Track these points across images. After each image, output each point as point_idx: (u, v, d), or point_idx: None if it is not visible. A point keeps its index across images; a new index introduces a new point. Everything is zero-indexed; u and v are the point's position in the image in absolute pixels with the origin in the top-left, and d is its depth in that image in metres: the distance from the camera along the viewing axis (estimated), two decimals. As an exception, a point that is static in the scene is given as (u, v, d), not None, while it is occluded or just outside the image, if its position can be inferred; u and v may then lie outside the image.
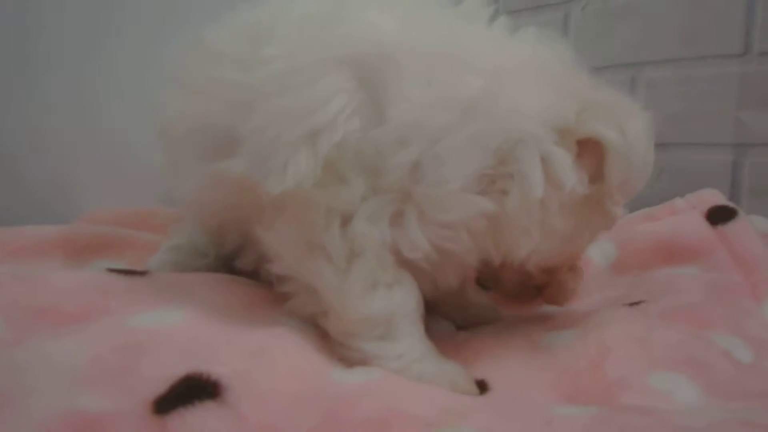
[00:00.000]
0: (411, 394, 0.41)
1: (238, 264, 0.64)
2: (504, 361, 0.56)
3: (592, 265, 0.81)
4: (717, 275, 0.71)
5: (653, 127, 0.69)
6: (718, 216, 0.79)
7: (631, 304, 0.67)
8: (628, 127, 0.53)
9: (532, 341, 0.60)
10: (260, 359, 0.42)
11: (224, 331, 0.45)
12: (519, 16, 1.20)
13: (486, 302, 0.73)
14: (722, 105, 0.93)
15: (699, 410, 0.47)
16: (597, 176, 0.54)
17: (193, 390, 0.36)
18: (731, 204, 0.81)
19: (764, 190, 0.89)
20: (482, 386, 0.51)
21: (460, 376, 0.51)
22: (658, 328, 0.62)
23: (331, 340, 0.51)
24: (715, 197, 0.83)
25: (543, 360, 0.56)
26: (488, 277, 0.76)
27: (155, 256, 0.70)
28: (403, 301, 0.51)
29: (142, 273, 0.57)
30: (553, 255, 0.58)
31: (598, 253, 0.83)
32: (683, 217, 0.82)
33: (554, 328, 0.62)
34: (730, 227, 0.76)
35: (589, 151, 0.53)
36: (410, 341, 0.51)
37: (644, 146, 0.54)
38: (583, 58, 1.05)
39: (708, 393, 0.50)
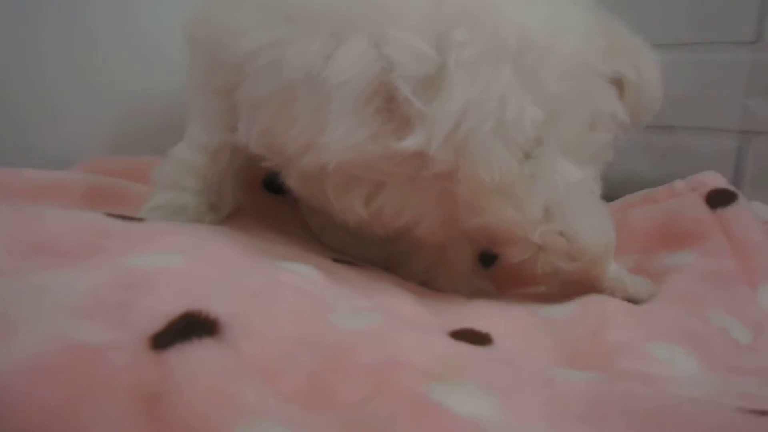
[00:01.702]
0: (411, 344, 0.40)
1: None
2: (505, 322, 0.55)
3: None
4: (712, 261, 0.70)
5: (660, 110, 0.75)
6: (718, 199, 0.76)
7: None
8: (642, 66, 0.66)
9: (531, 311, 0.59)
10: (260, 301, 0.41)
11: (223, 273, 0.44)
12: None
13: (484, 283, 0.75)
14: (730, 91, 0.92)
15: (697, 380, 0.46)
16: None
17: (192, 327, 0.35)
18: (732, 187, 0.79)
19: (767, 177, 0.88)
20: (486, 339, 0.50)
21: None
22: (654, 306, 0.62)
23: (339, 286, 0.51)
24: (716, 180, 0.80)
25: (542, 326, 0.55)
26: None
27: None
28: None
29: (139, 220, 0.56)
30: None
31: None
32: (682, 200, 0.80)
33: (552, 302, 0.62)
34: (730, 211, 0.74)
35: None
36: None
37: (656, 87, 0.68)
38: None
39: (706, 366, 0.49)
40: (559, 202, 0.57)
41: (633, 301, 0.64)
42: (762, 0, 0.89)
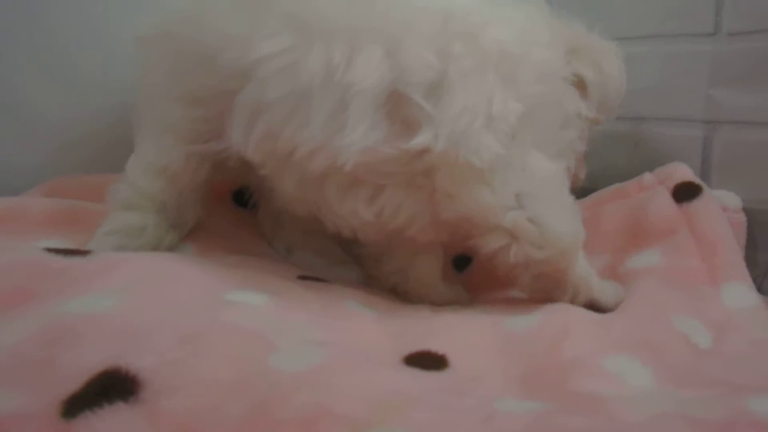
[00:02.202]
0: (348, 386, 0.39)
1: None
2: (465, 339, 0.55)
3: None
4: (677, 260, 0.70)
5: (629, 102, 0.81)
6: (684, 193, 0.77)
7: None
8: (603, 63, 0.73)
9: (494, 322, 0.59)
10: (192, 347, 0.39)
11: (159, 316, 0.43)
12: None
13: (457, 288, 0.76)
14: (695, 82, 0.91)
15: (647, 397, 0.46)
16: None
17: (108, 389, 0.33)
18: (697, 180, 0.79)
19: (733, 166, 0.87)
20: (442, 362, 0.50)
21: None
22: (617, 313, 0.62)
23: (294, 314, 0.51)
24: (683, 172, 0.81)
25: (503, 341, 0.55)
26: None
27: (92, 241, 0.66)
28: None
29: (83, 253, 0.54)
30: None
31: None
32: (650, 194, 0.80)
33: (518, 311, 0.62)
34: (695, 205, 0.75)
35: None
36: None
37: (618, 80, 0.75)
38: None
39: (661, 378, 0.49)
40: (530, 191, 0.61)
41: (599, 306, 0.65)
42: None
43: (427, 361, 0.49)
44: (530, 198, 0.60)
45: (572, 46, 0.71)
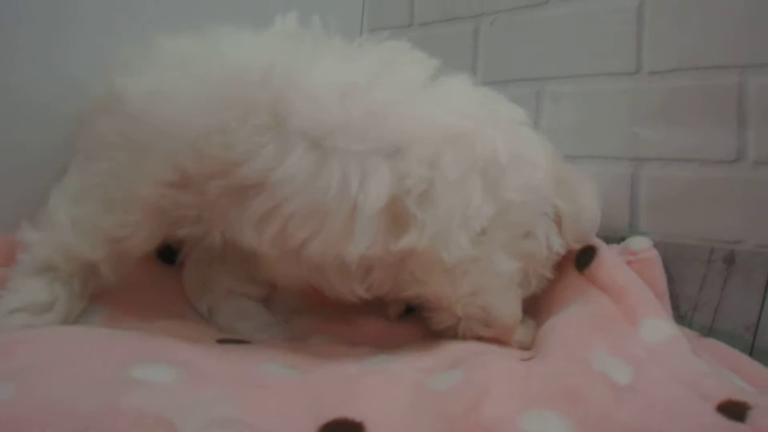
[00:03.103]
0: None
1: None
2: (386, 403, 0.55)
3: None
4: (593, 307, 0.73)
5: (557, 140, 0.84)
6: (582, 260, 0.81)
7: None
8: (579, 196, 0.78)
9: (418, 382, 0.59)
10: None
11: (57, 401, 0.41)
12: (431, 28, 1.20)
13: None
14: (619, 120, 0.94)
15: None
16: None
17: None
18: (592, 242, 0.82)
19: (659, 203, 0.90)
20: (359, 429, 0.50)
21: None
22: (537, 361, 0.63)
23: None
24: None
25: (425, 404, 0.55)
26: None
27: None
28: None
29: None
30: None
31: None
32: (561, 276, 0.83)
33: (444, 367, 0.63)
34: (593, 267, 0.79)
35: None
36: None
37: (591, 212, 0.80)
38: (493, 71, 1.06)
39: (579, 429, 0.50)
40: (486, 285, 0.71)
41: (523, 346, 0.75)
42: (638, 34, 0.92)
43: (343, 429, 0.49)
44: (484, 290, 0.71)
45: (557, 175, 0.77)
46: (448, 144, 0.66)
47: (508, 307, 0.73)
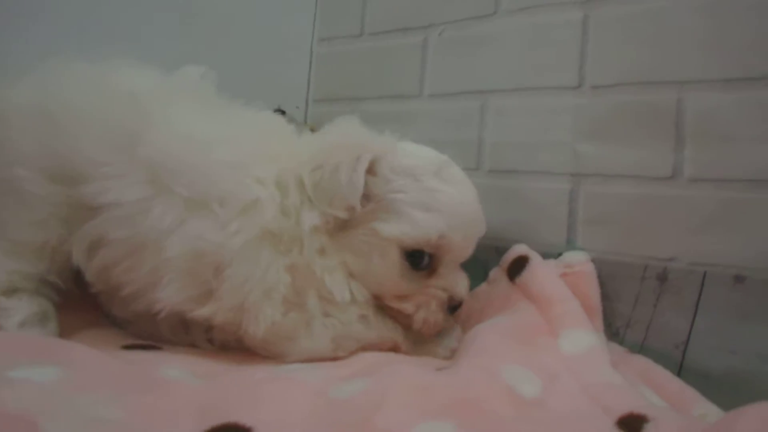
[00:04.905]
0: None
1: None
2: (281, 410, 0.55)
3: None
4: (519, 318, 0.74)
5: (500, 155, 0.91)
6: (514, 269, 0.83)
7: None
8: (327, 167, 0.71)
9: (321, 390, 0.59)
10: None
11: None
12: (381, 38, 1.21)
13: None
14: (561, 135, 0.95)
15: None
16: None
17: None
18: (525, 252, 0.85)
19: (597, 219, 0.91)
20: None
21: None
22: (447, 373, 0.63)
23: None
24: (517, 250, 0.87)
25: (323, 411, 0.55)
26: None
27: None
28: None
29: None
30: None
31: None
32: (494, 285, 0.87)
33: (354, 375, 0.64)
34: (524, 276, 0.81)
35: None
36: None
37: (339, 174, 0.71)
38: (440, 83, 1.08)
39: None
40: (343, 331, 0.71)
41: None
42: (582, 47, 0.93)
43: None
44: (347, 332, 0.71)
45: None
46: (244, 209, 0.67)
47: (379, 331, 0.74)
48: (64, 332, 0.69)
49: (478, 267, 0.95)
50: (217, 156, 0.68)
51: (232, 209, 0.66)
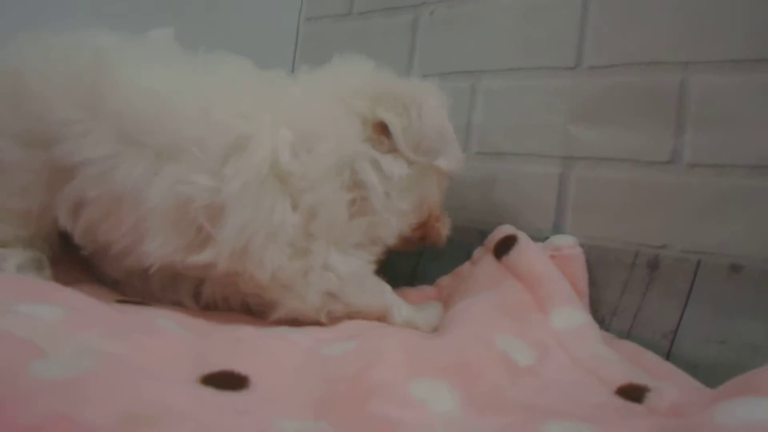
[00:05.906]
0: (104, 395, 0.39)
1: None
2: (276, 362, 0.56)
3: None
4: (508, 295, 0.75)
5: (489, 137, 0.91)
6: (501, 249, 0.83)
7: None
8: (412, 108, 0.77)
9: (312, 349, 0.60)
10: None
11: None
12: (370, 17, 1.20)
13: None
14: (553, 117, 0.94)
15: (444, 426, 0.46)
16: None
17: None
18: (512, 232, 0.85)
19: (586, 204, 0.91)
20: (242, 382, 0.50)
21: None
22: (440, 335, 0.64)
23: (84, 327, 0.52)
24: (503, 230, 0.87)
25: (315, 366, 0.56)
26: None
27: None
28: None
29: None
30: (414, 221, 0.81)
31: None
32: (480, 264, 0.87)
33: (341, 338, 0.64)
34: (512, 255, 0.81)
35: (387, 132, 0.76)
36: None
37: (430, 119, 0.78)
38: (429, 63, 1.07)
39: (465, 403, 0.50)
40: (337, 289, 0.70)
41: (419, 329, 0.74)
42: (581, 27, 0.93)
43: (226, 381, 0.50)
44: (340, 291, 0.71)
45: (375, 93, 0.77)
46: (230, 149, 0.67)
47: (370, 296, 0.74)
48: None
49: (461, 250, 0.95)
50: (179, 102, 0.68)
51: (215, 152, 0.66)
